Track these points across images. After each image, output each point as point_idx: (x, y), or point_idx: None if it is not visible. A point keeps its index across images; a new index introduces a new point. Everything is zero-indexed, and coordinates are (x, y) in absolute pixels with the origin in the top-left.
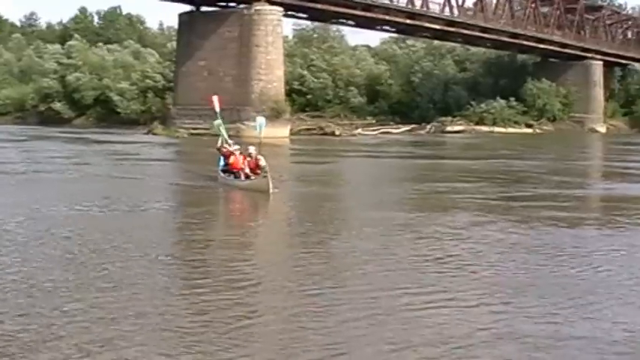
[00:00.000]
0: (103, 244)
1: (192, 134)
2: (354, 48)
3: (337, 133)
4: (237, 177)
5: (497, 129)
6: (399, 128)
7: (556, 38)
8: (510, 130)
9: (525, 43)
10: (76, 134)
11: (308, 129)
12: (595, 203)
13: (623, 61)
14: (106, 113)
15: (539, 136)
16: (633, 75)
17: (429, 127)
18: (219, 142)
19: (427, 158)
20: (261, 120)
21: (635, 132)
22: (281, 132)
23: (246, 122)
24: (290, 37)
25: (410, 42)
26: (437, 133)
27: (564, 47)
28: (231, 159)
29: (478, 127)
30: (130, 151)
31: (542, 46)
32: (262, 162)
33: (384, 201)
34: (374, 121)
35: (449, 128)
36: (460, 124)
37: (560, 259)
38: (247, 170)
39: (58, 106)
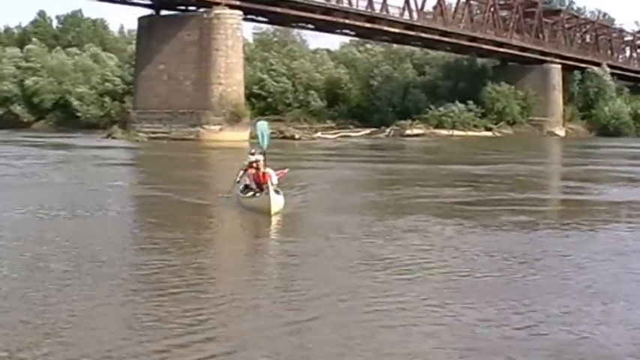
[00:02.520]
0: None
1: (151, 138)
2: (315, 52)
3: (297, 136)
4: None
5: (456, 132)
6: (358, 132)
7: (515, 42)
8: (470, 133)
9: (484, 46)
10: (34, 138)
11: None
12: (552, 207)
13: (582, 65)
14: (65, 117)
15: (498, 140)
16: (592, 78)
17: (388, 130)
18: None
19: (387, 162)
20: (262, 126)
21: (593, 135)
22: (241, 136)
23: (205, 126)
24: (250, 40)
25: (369, 46)
26: (396, 136)
27: (523, 51)
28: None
29: (437, 131)
30: (92, 155)
31: (501, 49)
32: (273, 178)
33: (342, 205)
34: (334, 125)
35: (408, 132)
36: (419, 128)
37: (511, 261)
38: (253, 185)
39: (17, 109)
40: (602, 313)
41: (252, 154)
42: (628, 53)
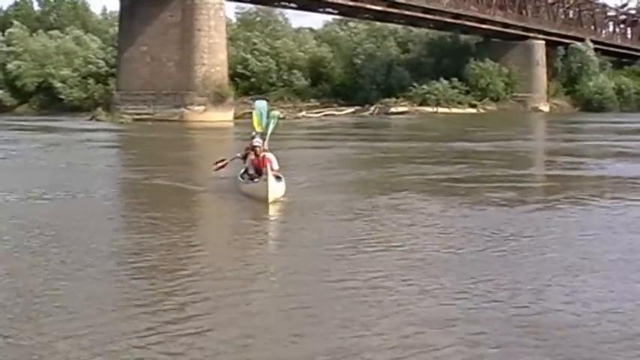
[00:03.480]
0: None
1: (135, 119)
2: (298, 31)
3: (281, 116)
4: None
5: (440, 109)
6: (342, 110)
7: (498, 18)
8: (454, 110)
9: (467, 23)
10: (18, 122)
11: (252, 112)
12: (541, 183)
13: (565, 41)
14: (48, 100)
15: (483, 116)
16: (575, 54)
17: (372, 108)
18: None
19: (373, 141)
20: (261, 105)
21: (577, 111)
22: (225, 116)
23: (189, 107)
24: (233, 20)
25: (352, 24)
26: (381, 114)
27: (506, 27)
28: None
29: (422, 108)
30: (77, 138)
31: (484, 26)
32: (273, 163)
33: (330, 183)
34: (318, 104)
35: (392, 109)
36: (404, 105)
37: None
38: (252, 171)
39: (0, 93)
40: (581, 288)
41: (254, 137)
42: (611, 28)
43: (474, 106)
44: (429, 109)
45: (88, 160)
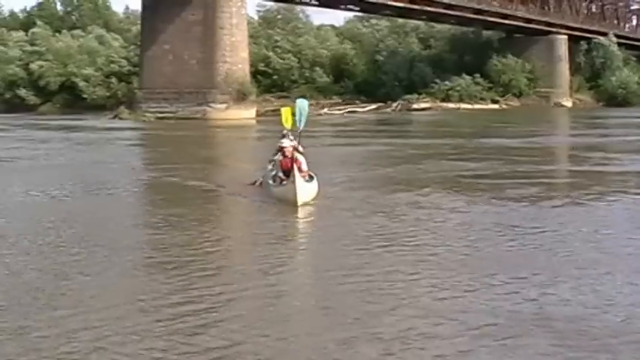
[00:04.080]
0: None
1: (158, 118)
2: (319, 28)
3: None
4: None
5: (463, 105)
6: (365, 107)
7: (520, 13)
8: (476, 106)
9: (489, 19)
10: (43, 121)
11: (274, 110)
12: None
13: (588, 35)
14: (71, 99)
15: (506, 112)
16: (598, 49)
17: (395, 105)
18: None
19: (398, 137)
20: (302, 104)
21: (601, 106)
22: (247, 113)
23: (212, 105)
24: (255, 18)
25: (374, 21)
26: (403, 111)
27: (529, 22)
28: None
29: (444, 104)
30: (102, 136)
31: (506, 21)
32: (303, 164)
33: (356, 180)
34: (340, 101)
35: (415, 106)
36: (426, 102)
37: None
38: (280, 173)
39: (23, 93)
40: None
41: (284, 136)
42: (635, 22)
43: (496, 102)
44: (451, 105)
45: (113, 159)
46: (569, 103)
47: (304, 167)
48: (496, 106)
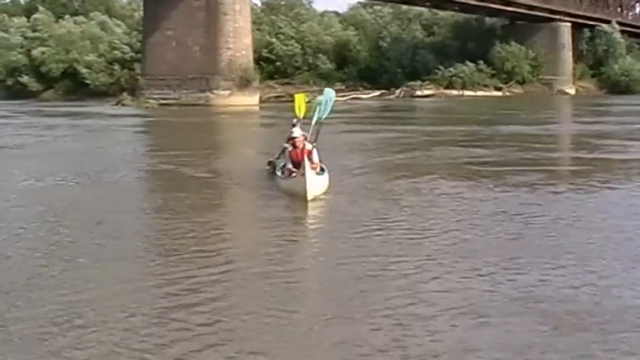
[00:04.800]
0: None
1: (161, 104)
2: (322, 14)
3: (307, 99)
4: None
5: (466, 92)
6: (368, 94)
7: (523, 0)
8: (480, 93)
9: (493, 6)
10: (46, 108)
11: (277, 96)
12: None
13: (591, 23)
14: (74, 86)
15: (510, 99)
16: (602, 36)
17: (398, 91)
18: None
19: (404, 124)
20: (329, 94)
21: (604, 93)
22: (250, 100)
23: (215, 91)
24: (258, 4)
25: (378, 7)
26: (406, 97)
27: (532, 9)
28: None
29: (448, 91)
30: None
31: (509, 8)
32: (314, 155)
33: (366, 170)
34: (343, 87)
35: (418, 93)
36: (429, 89)
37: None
38: (290, 165)
39: (25, 79)
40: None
41: (294, 125)
42: (638, 10)
43: (499, 89)
44: (454, 92)
45: (115, 146)
46: (572, 91)
47: (315, 158)
48: (499, 94)
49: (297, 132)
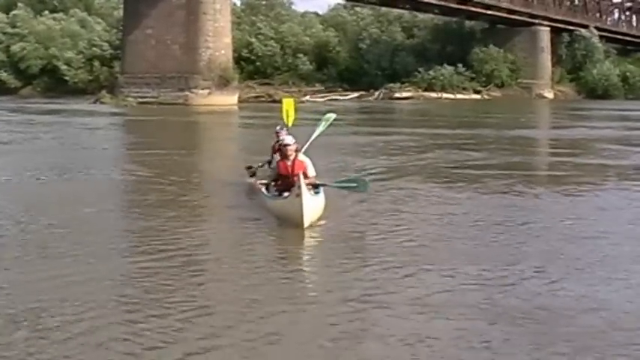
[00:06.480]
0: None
1: (140, 103)
2: (303, 15)
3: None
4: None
5: (445, 95)
6: (347, 95)
7: (504, 4)
8: (459, 96)
9: (473, 9)
10: (23, 104)
11: (256, 96)
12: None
13: (570, 27)
14: (52, 83)
15: (489, 103)
16: (580, 41)
17: (377, 93)
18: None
19: (382, 126)
20: (330, 117)
21: (582, 98)
22: (229, 100)
23: (194, 90)
24: (238, 4)
25: (358, 9)
26: (385, 99)
27: (512, 13)
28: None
29: (427, 94)
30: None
31: (489, 12)
32: (309, 169)
33: (341, 167)
34: (322, 88)
35: (397, 95)
36: (408, 91)
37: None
38: (278, 179)
39: (3, 75)
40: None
41: (278, 133)
42: (617, 16)
43: (478, 92)
44: (433, 94)
45: (91, 144)
46: (550, 95)
47: (311, 172)
48: (478, 97)
49: (289, 139)
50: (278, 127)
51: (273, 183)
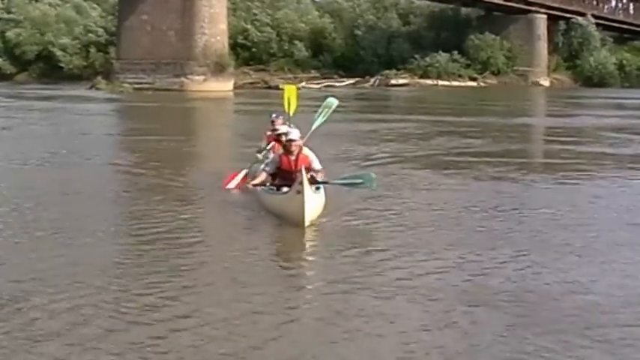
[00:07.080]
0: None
1: (136, 89)
2: (299, 1)
3: (281, 86)
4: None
5: (441, 82)
6: (343, 82)
7: None
8: (454, 83)
9: None
10: (19, 90)
11: (252, 83)
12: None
13: (567, 15)
14: (48, 68)
15: (485, 90)
16: (577, 29)
17: (373, 80)
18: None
19: (378, 113)
20: (331, 103)
21: (578, 86)
22: (224, 86)
23: (189, 76)
24: None
25: None
26: (381, 86)
27: (508, 0)
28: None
29: (422, 81)
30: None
31: None
32: (314, 163)
33: (337, 156)
34: (318, 75)
35: (393, 81)
36: (404, 78)
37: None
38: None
39: None
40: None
41: (273, 122)
42: (613, 3)
43: (474, 79)
44: (429, 81)
45: (86, 130)
46: (546, 83)
47: (316, 166)
48: (474, 84)
49: (294, 134)
50: (274, 115)
51: (268, 183)
